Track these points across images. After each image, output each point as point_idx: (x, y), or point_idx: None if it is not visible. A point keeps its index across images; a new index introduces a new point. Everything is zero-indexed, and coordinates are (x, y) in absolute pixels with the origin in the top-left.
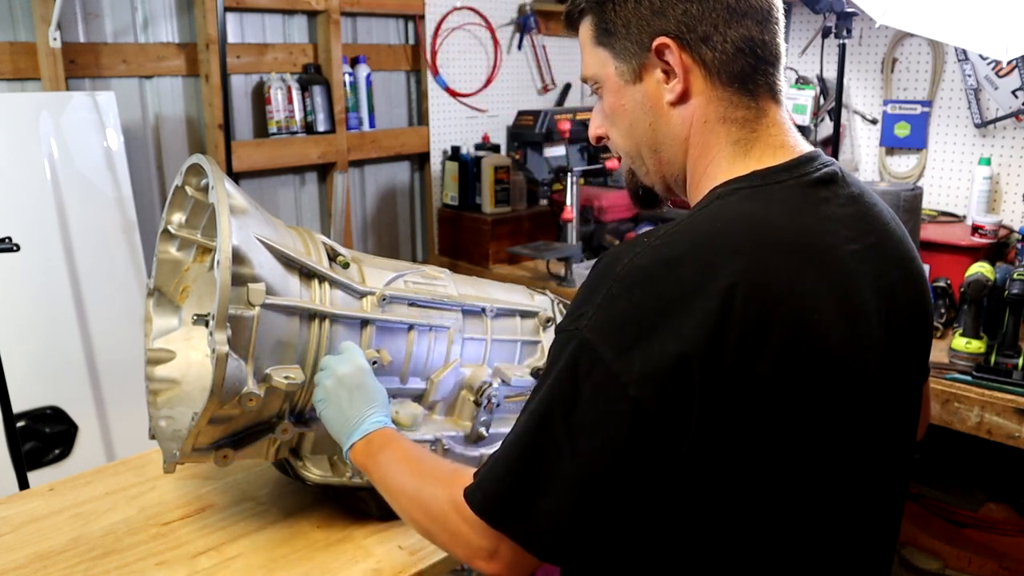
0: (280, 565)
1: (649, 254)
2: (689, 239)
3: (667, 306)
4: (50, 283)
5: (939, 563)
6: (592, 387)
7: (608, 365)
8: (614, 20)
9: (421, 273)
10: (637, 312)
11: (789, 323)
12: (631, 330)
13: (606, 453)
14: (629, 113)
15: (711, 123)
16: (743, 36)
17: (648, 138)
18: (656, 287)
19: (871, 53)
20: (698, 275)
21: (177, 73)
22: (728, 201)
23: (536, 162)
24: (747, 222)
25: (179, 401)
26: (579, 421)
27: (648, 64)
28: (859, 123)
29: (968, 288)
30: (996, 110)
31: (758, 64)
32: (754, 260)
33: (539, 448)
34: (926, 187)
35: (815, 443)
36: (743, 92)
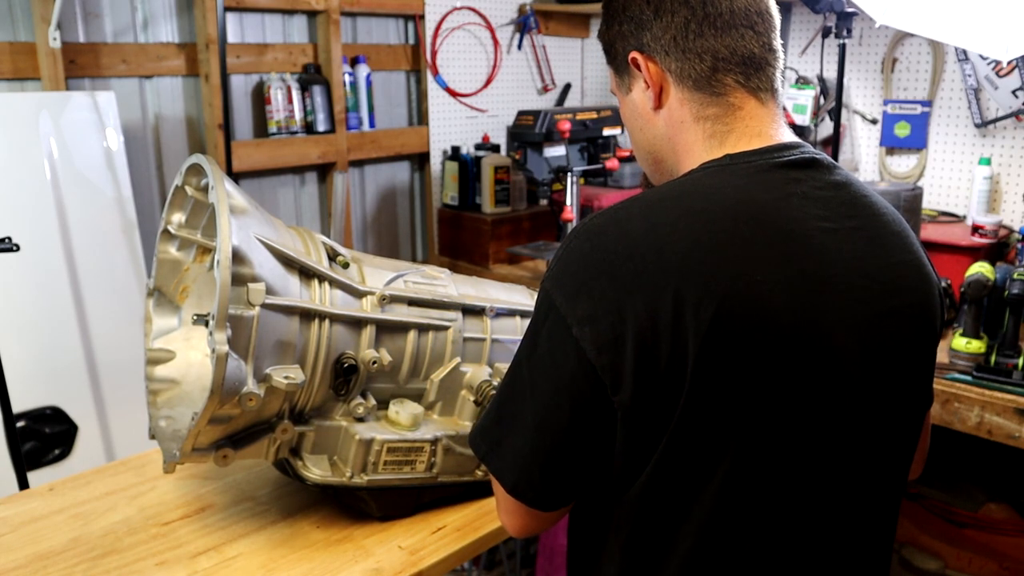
0: (280, 565)
1: (606, 215)
2: (643, 204)
3: (611, 257)
4: (50, 283)
5: (939, 563)
6: (548, 329)
7: (559, 308)
8: (608, 43)
9: (421, 273)
10: (585, 261)
11: (728, 286)
12: (579, 277)
13: (556, 392)
14: (629, 120)
15: (687, 123)
16: (703, 46)
17: (643, 141)
18: (603, 241)
19: (871, 53)
20: (642, 234)
21: (177, 73)
22: (690, 176)
23: (536, 162)
24: (702, 192)
25: (179, 401)
26: (538, 362)
27: (633, 77)
28: (859, 123)
29: (968, 288)
30: (996, 110)
31: (719, 65)
32: (699, 225)
33: (511, 388)
34: (926, 187)
35: (759, 412)
36: (709, 93)
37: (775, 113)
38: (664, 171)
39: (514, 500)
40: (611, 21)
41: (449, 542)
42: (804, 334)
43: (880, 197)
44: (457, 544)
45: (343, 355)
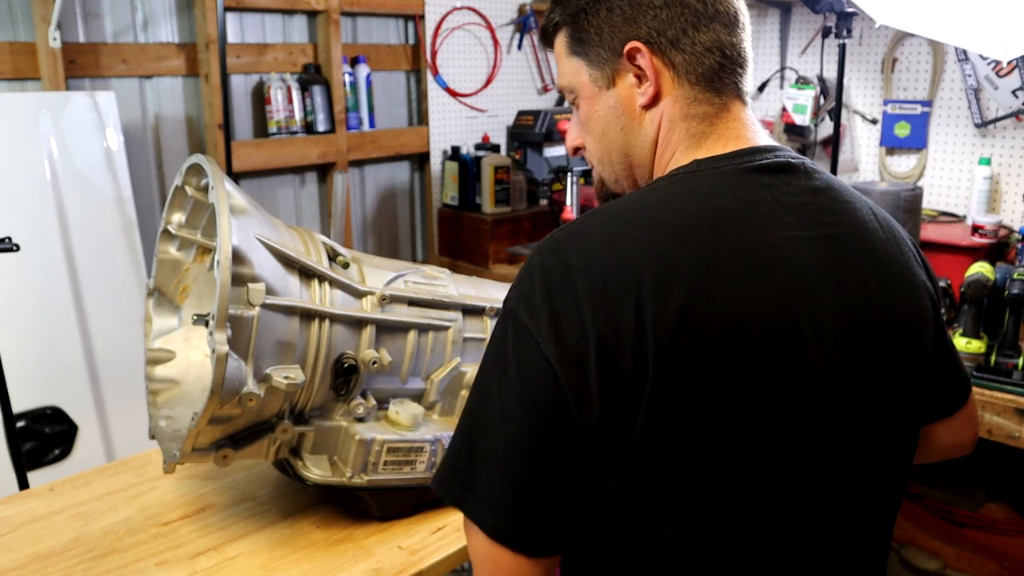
0: (280, 565)
1: (567, 230)
2: (605, 217)
3: (573, 273)
4: (50, 283)
5: (939, 563)
6: (516, 351)
7: (526, 327)
8: (587, 29)
9: (421, 273)
10: (548, 278)
11: (688, 298)
12: (543, 294)
13: (532, 418)
14: (603, 118)
15: (675, 121)
16: (712, 39)
17: (620, 142)
18: (565, 257)
19: (871, 53)
20: (603, 246)
21: (177, 73)
22: (654, 186)
23: (536, 162)
24: (664, 202)
25: (179, 401)
26: (509, 387)
27: (621, 69)
28: (859, 123)
29: (968, 288)
30: (996, 110)
31: (725, 63)
32: (661, 236)
33: (479, 421)
34: (926, 187)
35: (721, 439)
36: (709, 89)
37: (753, 117)
38: (637, 176)
39: (496, 550)
40: (595, 4)
41: (449, 542)
42: (772, 352)
43: (867, 201)
44: (457, 544)
45: (343, 355)
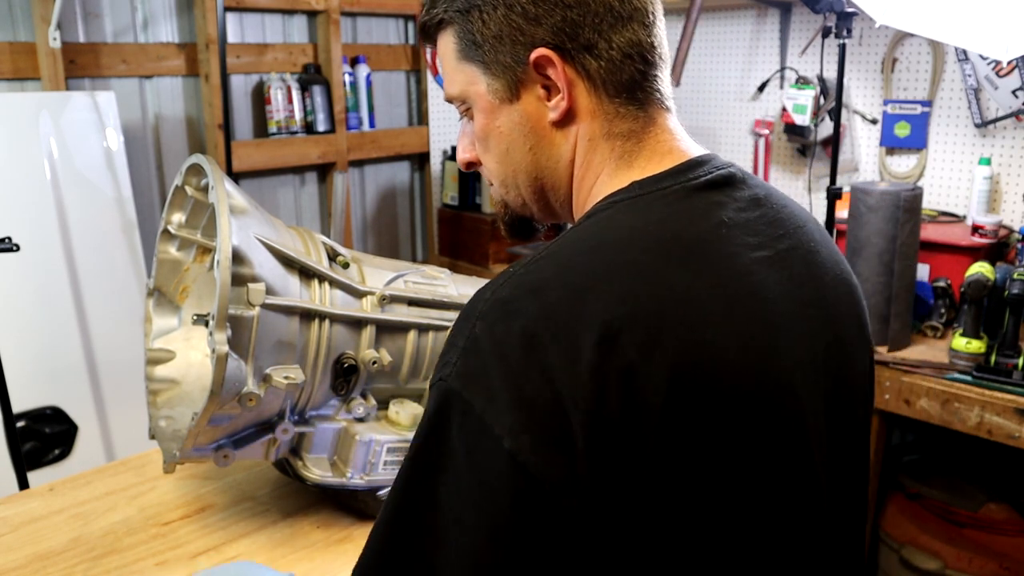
0: (280, 565)
1: (511, 285)
2: (555, 262)
3: (532, 340)
4: (50, 283)
5: (939, 563)
6: (464, 443)
7: (480, 415)
8: (483, 31)
9: (421, 273)
10: (501, 349)
11: (677, 353)
12: (498, 371)
13: (490, 527)
14: (505, 136)
15: (596, 140)
16: (630, 40)
17: (528, 163)
18: (519, 320)
19: (871, 53)
20: (565, 302)
21: (177, 73)
22: (600, 218)
23: None
24: (621, 237)
25: (179, 401)
26: (454, 488)
27: (526, 80)
28: (859, 123)
29: (968, 288)
30: (996, 110)
31: (647, 70)
32: (630, 280)
33: (410, 532)
34: (926, 187)
35: (734, 490)
36: (631, 102)
37: (677, 122)
38: (550, 200)
39: None
40: (492, 0)
41: None
42: (765, 393)
43: (795, 203)
44: None
45: (343, 355)
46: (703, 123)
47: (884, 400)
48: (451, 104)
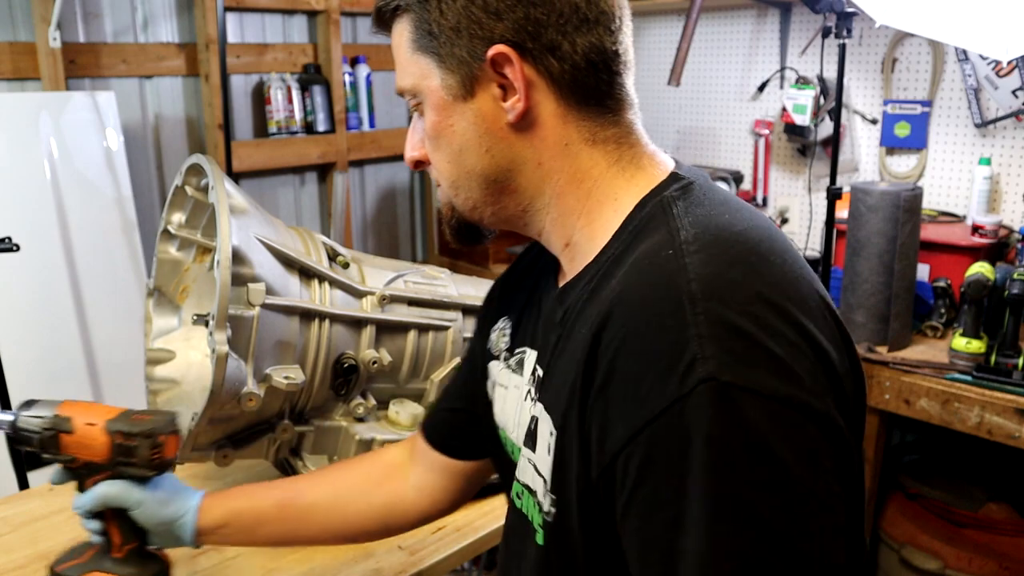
0: (280, 565)
1: (707, 261)
2: (745, 231)
3: (781, 302)
4: (50, 283)
5: (939, 563)
6: (778, 430)
7: (774, 393)
8: (440, 21)
9: (421, 273)
10: (760, 316)
11: (841, 331)
12: (772, 341)
13: (833, 505)
14: (459, 136)
15: (575, 146)
16: (594, 45)
17: (483, 165)
18: (753, 287)
19: (871, 53)
20: (782, 265)
21: (177, 73)
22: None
23: None
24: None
25: (179, 401)
26: (791, 490)
27: (482, 77)
28: (859, 123)
29: (968, 288)
30: (996, 110)
31: (613, 79)
32: (795, 258)
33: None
34: (926, 187)
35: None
36: (604, 109)
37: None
38: (506, 203)
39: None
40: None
41: (449, 542)
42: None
43: None
44: (457, 544)
45: (343, 355)
46: (703, 123)
47: (884, 400)
48: (402, 97)
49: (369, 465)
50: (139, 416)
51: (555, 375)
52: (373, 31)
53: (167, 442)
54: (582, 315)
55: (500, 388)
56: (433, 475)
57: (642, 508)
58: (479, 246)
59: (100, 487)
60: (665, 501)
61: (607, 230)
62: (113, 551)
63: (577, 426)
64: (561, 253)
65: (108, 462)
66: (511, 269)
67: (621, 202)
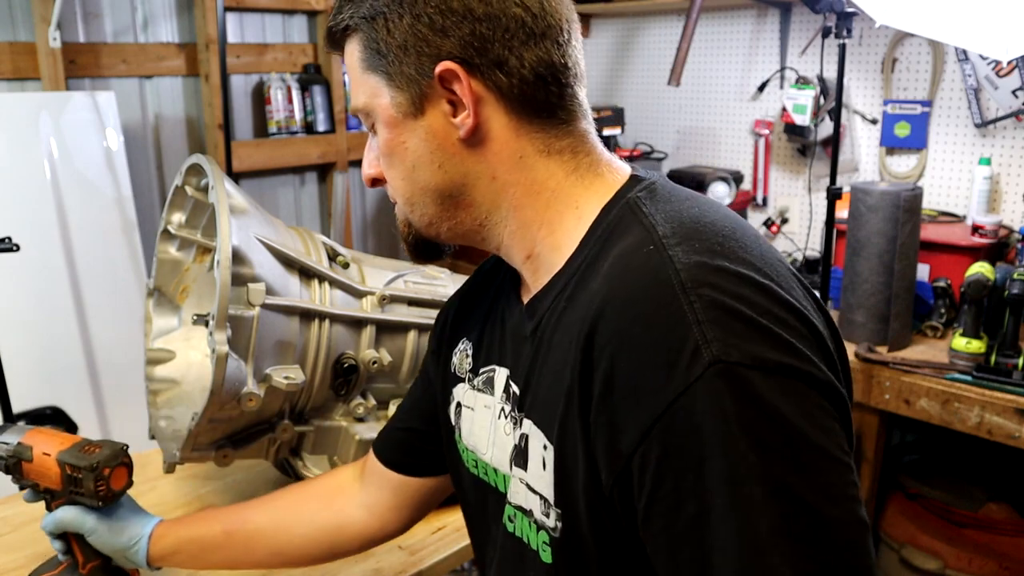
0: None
1: (689, 251)
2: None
3: (765, 282)
4: (50, 283)
5: (939, 563)
6: (790, 401)
7: (780, 367)
8: (387, 40)
9: (421, 273)
10: (750, 297)
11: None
12: (767, 319)
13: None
14: (411, 153)
15: (530, 158)
16: (542, 59)
17: (437, 182)
18: (738, 271)
19: (871, 53)
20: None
21: (177, 73)
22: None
23: None
24: (711, 201)
25: (179, 401)
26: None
27: (431, 94)
28: (859, 123)
29: (968, 288)
30: (996, 110)
31: (563, 91)
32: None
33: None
34: (926, 187)
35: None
36: (555, 121)
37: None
38: (461, 218)
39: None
40: (398, 8)
41: (449, 542)
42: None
43: None
44: (457, 544)
45: (343, 355)
46: (703, 123)
47: (884, 400)
48: (356, 117)
49: (316, 487)
50: (89, 448)
51: (540, 389)
52: (327, 50)
53: (113, 474)
54: (560, 324)
55: (467, 410)
56: (384, 494)
57: (666, 505)
58: (437, 261)
59: (58, 512)
60: (689, 494)
61: (572, 239)
62: (79, 568)
63: (580, 434)
64: (523, 265)
65: (62, 490)
66: (463, 289)
67: (583, 210)
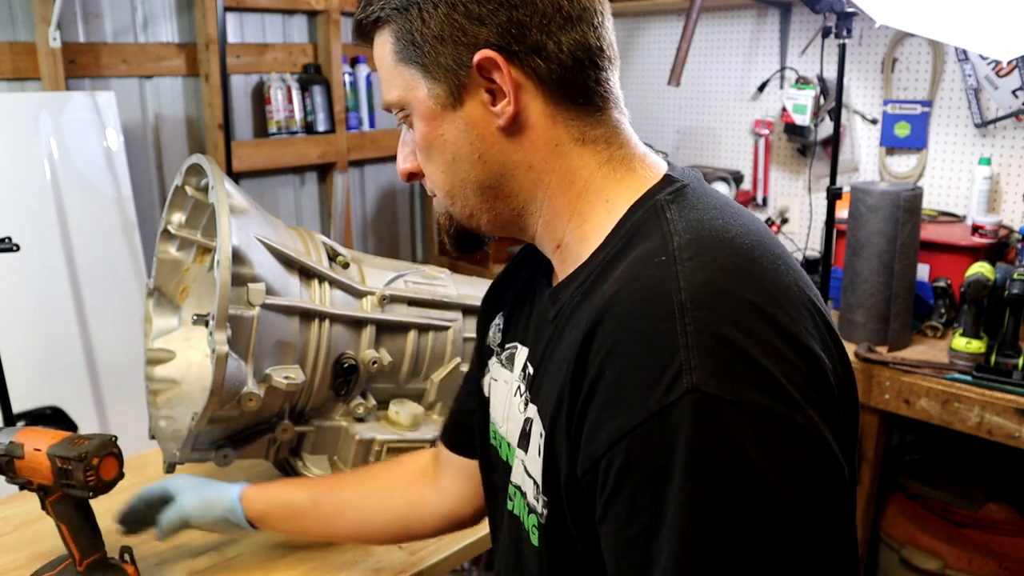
0: (280, 565)
1: (698, 269)
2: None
3: (772, 311)
4: (50, 283)
5: (939, 563)
6: (759, 443)
7: (757, 407)
8: (422, 31)
9: (421, 273)
10: (749, 326)
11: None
12: (759, 352)
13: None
14: (451, 145)
15: (565, 146)
16: (579, 43)
17: (477, 172)
18: (744, 296)
19: (871, 53)
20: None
21: (177, 73)
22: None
23: None
24: (743, 211)
25: (179, 401)
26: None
27: (469, 84)
28: (859, 123)
29: (968, 288)
30: (996, 110)
31: (599, 75)
32: (794, 267)
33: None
34: (926, 187)
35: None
36: (591, 108)
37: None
38: (501, 209)
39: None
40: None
41: (449, 542)
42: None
43: None
44: (457, 544)
45: (343, 355)
46: (703, 123)
47: (884, 400)
48: (389, 111)
49: (401, 468)
50: (78, 440)
51: (545, 376)
52: (354, 43)
53: (102, 464)
54: (573, 317)
55: (493, 383)
56: (456, 478)
57: (618, 512)
58: (477, 253)
59: (162, 521)
60: (642, 507)
61: (599, 232)
62: (77, 564)
63: (565, 429)
64: (553, 254)
65: (54, 484)
66: (507, 267)
67: (613, 204)
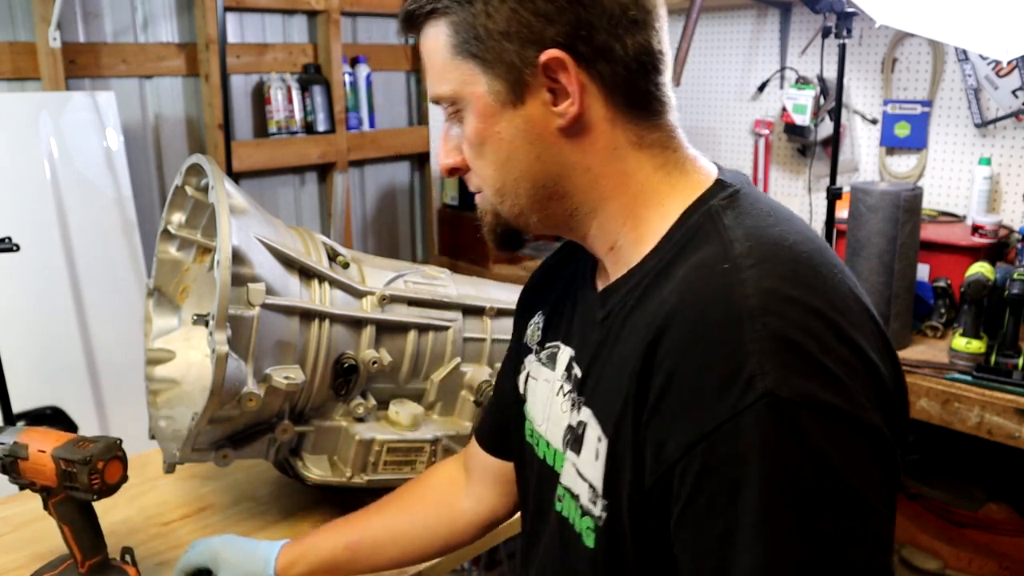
0: None
1: (763, 276)
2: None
3: (835, 318)
4: (50, 283)
5: (939, 563)
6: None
7: (830, 408)
8: (487, 25)
9: (421, 273)
10: (815, 332)
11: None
12: (827, 357)
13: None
14: (507, 143)
15: (623, 149)
16: (643, 47)
17: (533, 172)
18: (809, 303)
19: (871, 53)
20: (832, 279)
21: (177, 73)
22: (744, 198)
23: None
24: (794, 217)
25: (179, 401)
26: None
27: (532, 82)
28: (859, 123)
29: (968, 288)
30: (996, 110)
31: (659, 79)
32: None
33: None
34: (926, 187)
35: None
36: (649, 113)
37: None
38: (557, 211)
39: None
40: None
41: None
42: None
43: None
44: None
45: (343, 355)
46: (703, 123)
47: None
48: (436, 104)
49: (426, 486)
50: (83, 443)
51: (603, 381)
52: (400, 34)
53: (107, 468)
54: (628, 322)
55: (532, 381)
56: (491, 483)
57: (697, 518)
58: (518, 250)
59: (190, 555)
60: (720, 512)
61: (653, 236)
62: (79, 566)
63: (631, 437)
64: (605, 256)
65: (58, 486)
66: (545, 265)
67: (667, 208)
